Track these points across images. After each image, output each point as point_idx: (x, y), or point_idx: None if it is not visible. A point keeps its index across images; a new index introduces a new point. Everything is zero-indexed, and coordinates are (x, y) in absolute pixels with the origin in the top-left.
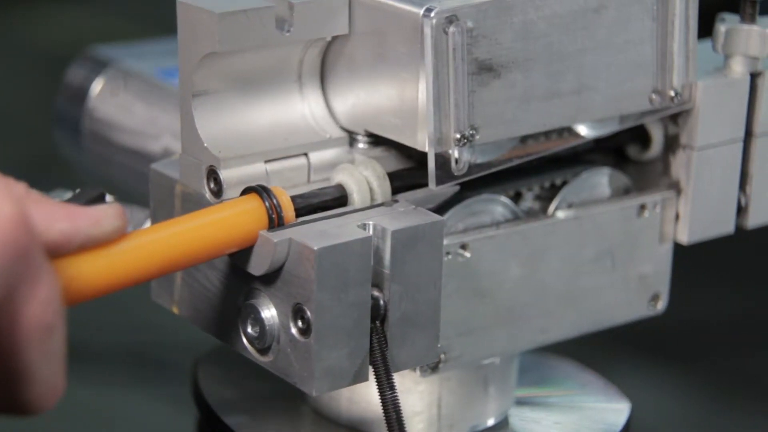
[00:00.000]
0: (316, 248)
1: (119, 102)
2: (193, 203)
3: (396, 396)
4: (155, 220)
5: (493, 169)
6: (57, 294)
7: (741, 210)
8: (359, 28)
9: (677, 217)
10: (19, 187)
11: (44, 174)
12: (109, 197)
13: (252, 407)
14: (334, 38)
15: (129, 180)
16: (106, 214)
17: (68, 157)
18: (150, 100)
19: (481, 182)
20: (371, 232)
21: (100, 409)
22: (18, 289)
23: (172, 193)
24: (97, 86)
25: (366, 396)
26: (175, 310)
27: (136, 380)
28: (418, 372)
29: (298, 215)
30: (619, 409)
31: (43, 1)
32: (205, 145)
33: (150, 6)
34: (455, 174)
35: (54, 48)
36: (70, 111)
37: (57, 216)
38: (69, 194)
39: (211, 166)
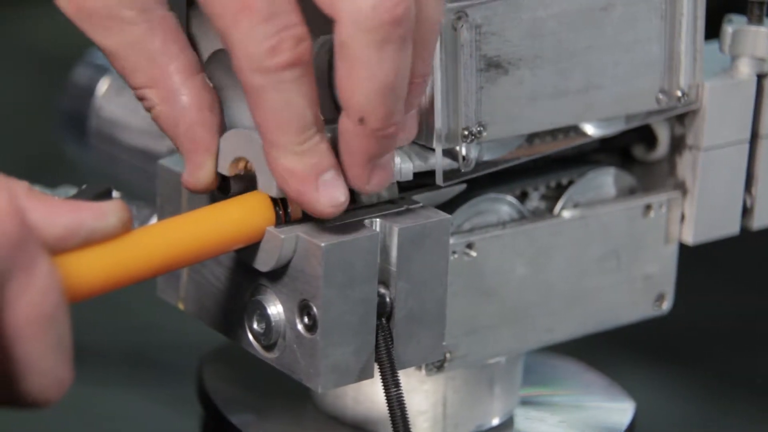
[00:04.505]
0: (323, 245)
1: (125, 101)
2: (200, 199)
3: (401, 393)
4: (162, 216)
5: (500, 167)
6: (55, 285)
7: (746, 211)
8: None
9: (683, 217)
10: (19, 185)
11: (50, 174)
12: (115, 193)
13: (257, 406)
14: None
15: (135, 179)
16: (111, 207)
17: (74, 157)
18: None
19: (487, 181)
20: (378, 230)
21: (104, 408)
22: (11, 280)
23: (179, 188)
24: (102, 85)
25: (371, 395)
26: (180, 306)
27: (141, 380)
28: (423, 371)
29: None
30: (624, 409)
31: (43, 1)
32: None
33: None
34: (462, 171)
35: (54, 48)
36: (76, 110)
37: (59, 210)
38: (75, 190)
39: None
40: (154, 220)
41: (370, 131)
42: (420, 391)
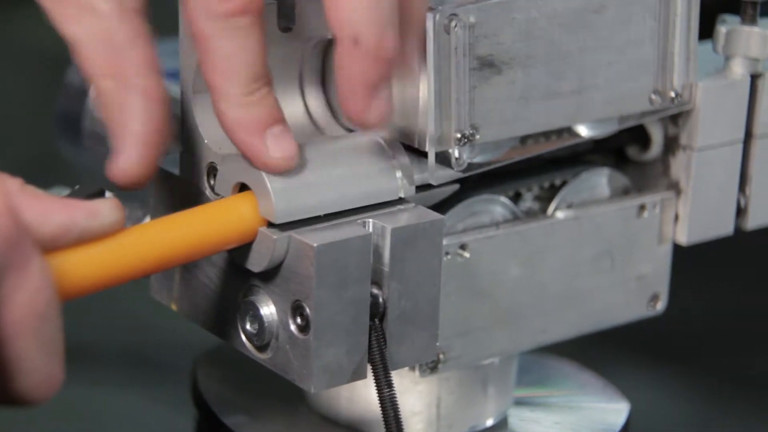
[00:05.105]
0: (315, 245)
1: None
2: (193, 201)
3: (394, 394)
4: (155, 217)
5: (493, 166)
6: (48, 283)
7: (740, 211)
8: None
9: (677, 217)
10: (13, 182)
11: (44, 173)
12: (108, 194)
13: (251, 407)
14: None
15: None
16: (104, 206)
17: (69, 157)
18: None
19: (480, 182)
20: (371, 230)
21: (98, 409)
22: (5, 279)
23: (173, 190)
24: None
25: (365, 396)
26: (173, 306)
27: (135, 380)
28: (417, 372)
29: None
30: (618, 409)
31: None
32: (206, 141)
33: (150, 6)
34: (455, 171)
35: (54, 48)
36: (71, 111)
37: (53, 209)
38: (68, 191)
39: (211, 162)
40: (147, 220)
41: (365, 51)
42: (414, 392)
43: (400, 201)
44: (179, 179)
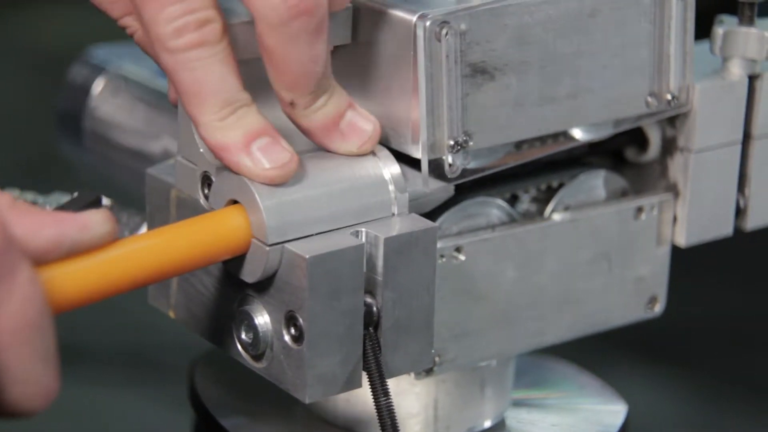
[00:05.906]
0: (308, 256)
1: (120, 102)
2: (188, 209)
3: (390, 402)
4: (151, 225)
5: (487, 172)
6: (38, 294)
7: (739, 212)
8: (358, 37)
9: (675, 219)
10: (3, 198)
11: (45, 174)
12: (105, 200)
13: (248, 409)
14: (335, 47)
15: (129, 180)
16: (94, 219)
17: (69, 157)
18: (150, 101)
19: (476, 185)
20: (364, 240)
21: (95, 410)
22: None
23: (168, 197)
24: (98, 86)
25: (362, 397)
26: (171, 314)
27: (132, 381)
28: (412, 374)
29: None
30: (616, 411)
31: (43, 1)
32: (201, 150)
33: None
34: (449, 177)
35: (54, 48)
36: (72, 111)
37: (43, 223)
38: (67, 197)
39: (205, 171)
40: (144, 228)
41: (303, 110)
42: (411, 394)
43: None
44: (174, 188)
